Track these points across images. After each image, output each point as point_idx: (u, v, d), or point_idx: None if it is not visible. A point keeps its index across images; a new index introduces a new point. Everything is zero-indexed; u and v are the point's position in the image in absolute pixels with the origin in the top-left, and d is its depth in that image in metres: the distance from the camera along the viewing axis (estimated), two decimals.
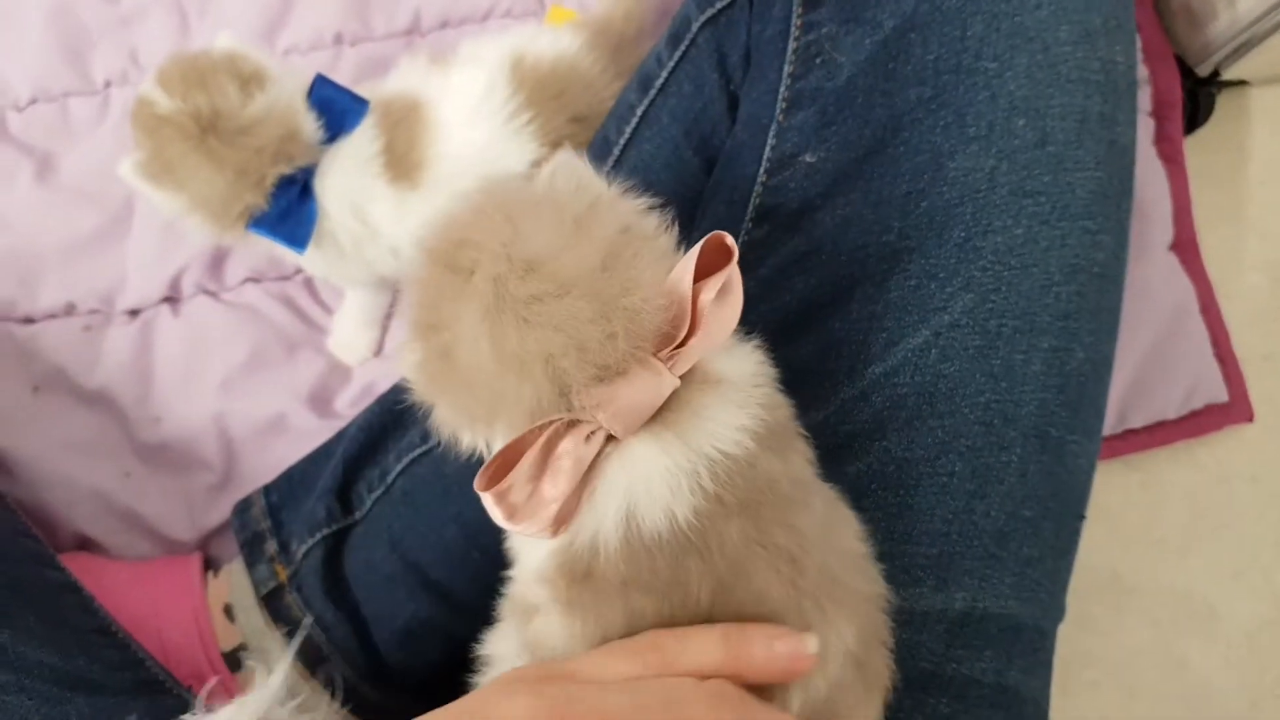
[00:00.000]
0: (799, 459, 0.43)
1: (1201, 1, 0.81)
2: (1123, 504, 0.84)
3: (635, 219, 0.43)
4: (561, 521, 0.40)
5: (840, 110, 0.56)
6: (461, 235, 0.42)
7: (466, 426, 0.43)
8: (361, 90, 0.70)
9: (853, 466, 0.50)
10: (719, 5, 0.64)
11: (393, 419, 0.72)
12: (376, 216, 0.70)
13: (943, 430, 0.52)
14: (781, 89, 0.59)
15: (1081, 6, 0.56)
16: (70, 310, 0.81)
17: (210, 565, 0.75)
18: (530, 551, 0.44)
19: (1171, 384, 0.83)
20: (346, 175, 0.69)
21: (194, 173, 0.65)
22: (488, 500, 0.39)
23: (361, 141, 0.69)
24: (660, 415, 0.40)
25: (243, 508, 0.75)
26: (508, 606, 0.46)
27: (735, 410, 0.41)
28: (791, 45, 0.59)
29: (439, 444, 0.44)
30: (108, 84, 0.85)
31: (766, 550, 0.40)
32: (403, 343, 0.44)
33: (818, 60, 0.58)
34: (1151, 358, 0.82)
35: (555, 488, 0.39)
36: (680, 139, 0.64)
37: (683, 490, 0.39)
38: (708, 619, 0.40)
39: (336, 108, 0.68)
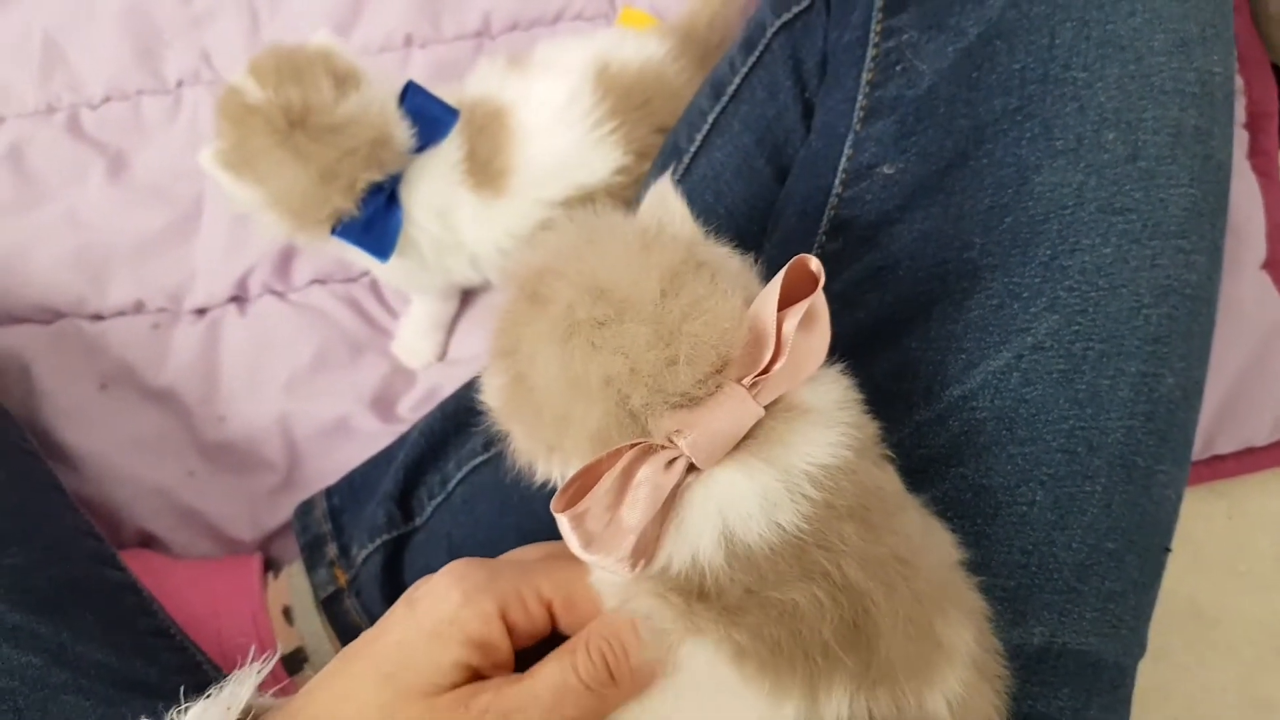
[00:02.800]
0: (892, 470, 0.43)
1: None
2: (1207, 533, 0.81)
3: (711, 253, 0.43)
4: (640, 555, 0.38)
5: (921, 120, 0.55)
6: (544, 264, 0.42)
7: (541, 454, 0.42)
8: (440, 93, 0.69)
9: (927, 493, 0.48)
10: (795, 10, 0.62)
11: (455, 425, 0.71)
12: (461, 224, 0.70)
13: (1023, 458, 0.50)
14: (859, 97, 0.57)
15: (1178, 14, 0.54)
16: (139, 308, 0.82)
17: (270, 567, 0.75)
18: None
19: (1261, 409, 0.79)
20: (432, 182, 0.69)
21: (277, 168, 0.65)
22: (564, 524, 0.38)
23: (446, 148, 0.68)
24: (744, 444, 0.39)
25: (304, 510, 0.75)
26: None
27: (824, 430, 0.40)
28: (870, 52, 0.57)
29: (499, 452, 0.44)
30: (180, 83, 0.86)
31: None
32: (484, 368, 0.44)
33: (898, 68, 0.56)
34: (1241, 381, 0.78)
35: (634, 516, 0.38)
36: (752, 147, 0.63)
37: (785, 502, 0.38)
38: (866, 599, 0.38)
39: (427, 116, 0.68)
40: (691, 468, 0.39)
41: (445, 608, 0.42)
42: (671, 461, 0.38)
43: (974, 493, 0.50)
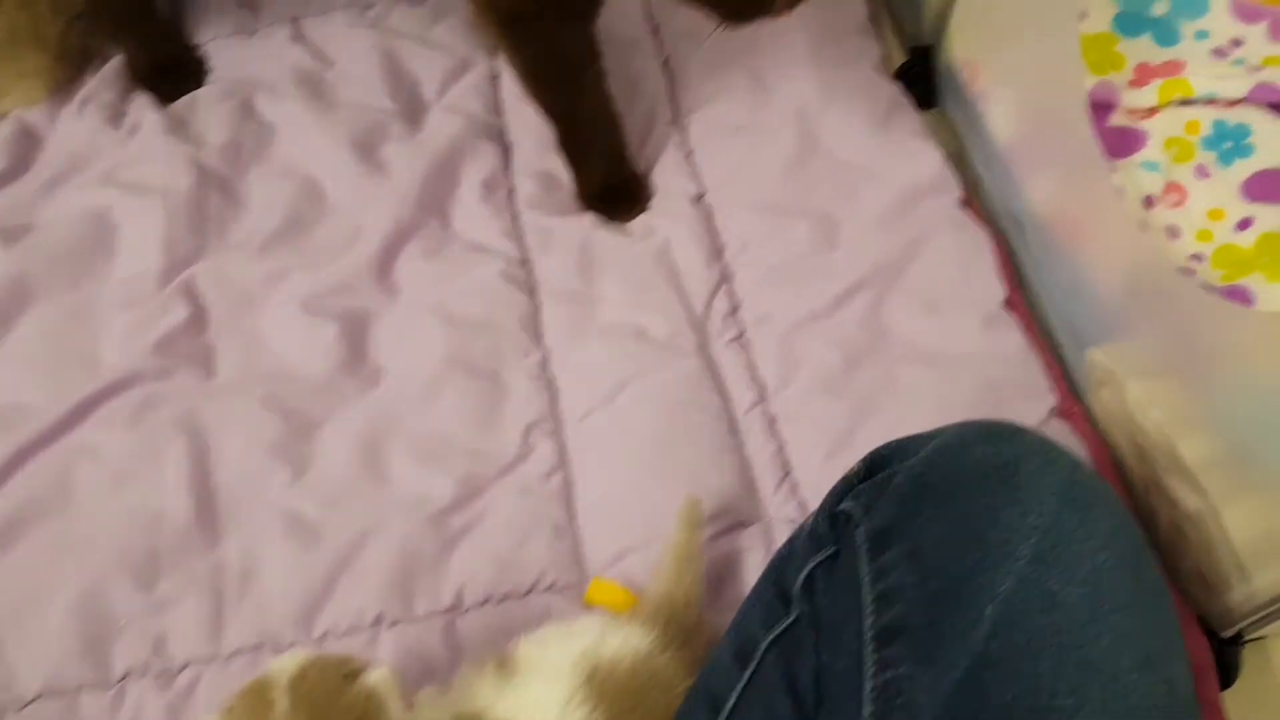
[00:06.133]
0: None
1: (1214, 573, 0.88)
2: None
3: None
4: None
5: None
6: None
7: None
8: (425, 701, 0.71)
9: None
10: (784, 624, 0.69)
11: None
12: None
13: None
14: None
15: (1136, 630, 0.62)
16: None
17: None
18: None
19: None
20: None
21: None
22: None
23: None
24: None
25: None
26: None
27: None
28: (869, 684, 0.62)
29: None
30: (125, 675, 0.86)
31: None
32: None
33: (899, 700, 0.61)
34: None
35: None
36: None
37: None
38: None
39: None
40: None
41: None
42: None
43: None
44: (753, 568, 0.90)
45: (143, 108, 1.22)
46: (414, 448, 0.97)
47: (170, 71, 1.25)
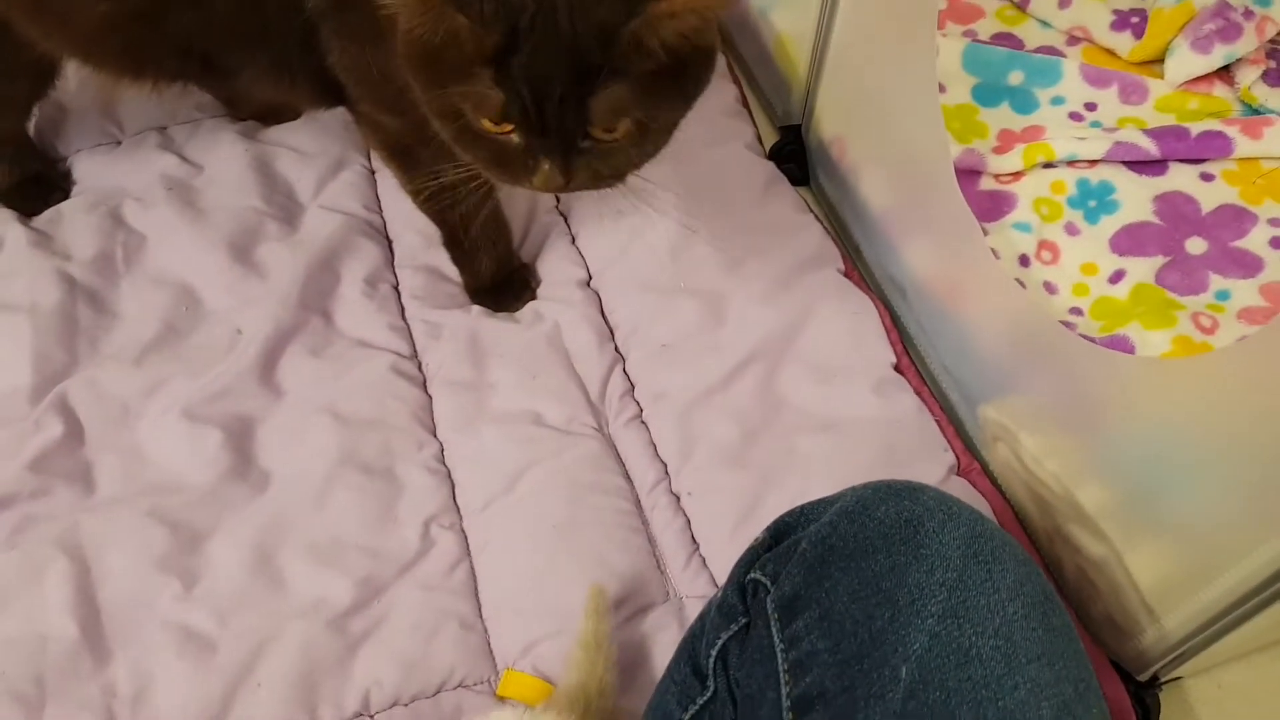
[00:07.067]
0: None
1: (1125, 617, 0.90)
2: None
3: None
4: None
5: None
6: None
7: None
8: None
9: None
10: (701, 701, 0.68)
11: None
12: None
13: None
14: None
15: (1052, 680, 0.63)
16: None
17: None
18: None
19: None
20: None
21: None
22: None
23: None
24: None
25: None
26: None
27: None
28: None
29: None
30: None
31: None
32: None
33: None
34: None
35: None
36: None
37: None
38: None
39: None
40: None
41: None
42: None
43: None
44: (666, 648, 0.90)
45: (5, 223, 1.19)
46: (309, 551, 0.95)
47: (32, 187, 1.22)
